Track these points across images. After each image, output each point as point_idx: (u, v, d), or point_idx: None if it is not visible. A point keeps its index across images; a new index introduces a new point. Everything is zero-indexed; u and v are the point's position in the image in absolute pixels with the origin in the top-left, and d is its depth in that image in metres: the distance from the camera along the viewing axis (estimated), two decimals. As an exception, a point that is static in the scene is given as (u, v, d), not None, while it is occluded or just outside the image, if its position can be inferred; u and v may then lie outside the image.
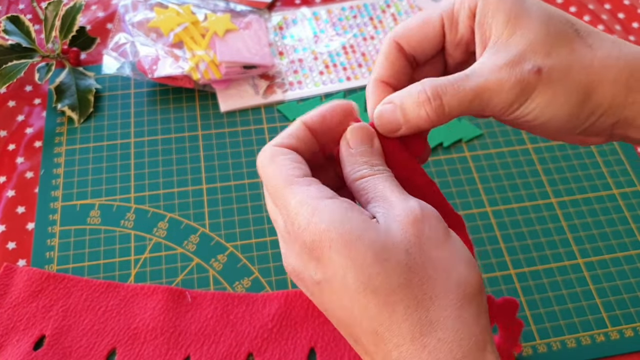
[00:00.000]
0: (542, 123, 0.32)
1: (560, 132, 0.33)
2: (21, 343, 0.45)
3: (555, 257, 0.51)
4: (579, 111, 0.31)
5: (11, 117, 0.59)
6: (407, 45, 0.34)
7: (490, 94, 0.31)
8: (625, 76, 0.31)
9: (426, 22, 0.34)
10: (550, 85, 0.31)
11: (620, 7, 0.71)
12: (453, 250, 0.29)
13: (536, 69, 0.30)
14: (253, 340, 0.45)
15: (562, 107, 0.31)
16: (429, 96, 0.31)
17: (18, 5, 0.68)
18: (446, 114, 0.31)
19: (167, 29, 0.61)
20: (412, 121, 0.32)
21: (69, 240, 0.51)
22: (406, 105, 0.32)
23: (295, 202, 0.29)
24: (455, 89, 0.31)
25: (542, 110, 0.31)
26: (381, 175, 0.31)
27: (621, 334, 0.47)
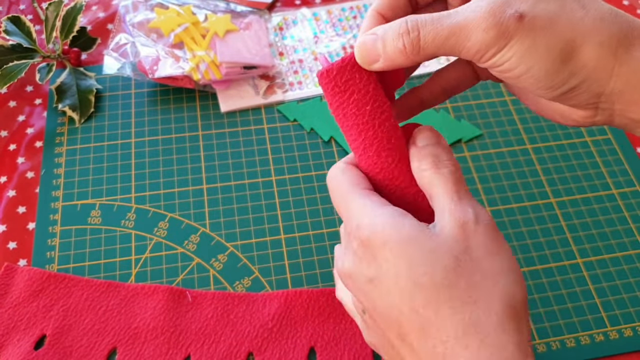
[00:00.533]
0: (518, 75, 0.30)
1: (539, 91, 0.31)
2: (22, 342, 0.45)
3: (554, 257, 0.51)
4: (559, 68, 0.30)
5: (12, 117, 0.59)
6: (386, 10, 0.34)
7: (466, 32, 0.30)
8: (615, 43, 0.29)
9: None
10: (531, 34, 0.29)
11: (619, 7, 0.71)
12: (503, 262, 0.30)
13: (518, 15, 0.29)
14: (253, 339, 0.46)
15: (541, 60, 0.29)
16: (408, 28, 0.31)
17: (19, 5, 0.68)
18: (422, 48, 0.31)
19: (167, 30, 0.61)
20: (389, 52, 0.31)
21: (69, 240, 0.51)
22: (387, 36, 0.31)
23: (358, 205, 0.32)
24: (434, 24, 0.30)
25: (519, 59, 0.29)
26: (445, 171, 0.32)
27: (620, 334, 0.47)
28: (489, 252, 0.30)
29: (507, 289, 0.30)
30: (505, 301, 0.29)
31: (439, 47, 0.30)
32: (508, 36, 0.29)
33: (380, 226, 0.31)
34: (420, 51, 0.31)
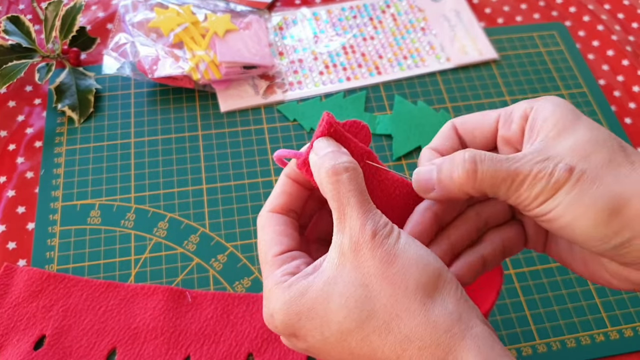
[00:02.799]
0: (564, 226, 0.30)
1: (588, 244, 0.31)
2: (21, 343, 0.45)
3: (554, 257, 0.51)
4: (607, 220, 0.30)
5: (11, 117, 0.59)
6: (461, 127, 0.36)
7: (521, 179, 0.31)
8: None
9: (484, 115, 0.35)
10: (578, 186, 0.30)
11: (619, 7, 0.71)
12: (404, 257, 0.30)
13: (568, 168, 0.30)
14: (253, 340, 0.46)
15: (588, 210, 0.30)
16: (466, 159, 0.32)
17: (18, 5, 0.68)
18: (477, 181, 0.31)
19: (167, 29, 0.61)
20: (444, 181, 0.32)
21: (69, 240, 0.51)
22: (443, 165, 0.32)
23: (268, 283, 0.32)
24: (493, 162, 0.31)
25: (564, 208, 0.30)
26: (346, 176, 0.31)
27: (621, 334, 0.47)
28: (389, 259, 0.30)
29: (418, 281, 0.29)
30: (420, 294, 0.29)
31: (492, 186, 0.31)
32: (557, 187, 0.30)
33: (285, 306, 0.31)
34: (476, 184, 0.31)
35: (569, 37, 0.67)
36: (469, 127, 0.36)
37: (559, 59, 0.65)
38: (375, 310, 0.29)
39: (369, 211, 0.31)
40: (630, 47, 0.67)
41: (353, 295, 0.30)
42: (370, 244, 0.30)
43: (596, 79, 0.64)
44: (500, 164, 0.31)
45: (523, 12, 0.70)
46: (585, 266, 0.35)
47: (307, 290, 0.31)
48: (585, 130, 0.31)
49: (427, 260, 0.30)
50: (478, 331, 0.29)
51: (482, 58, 0.65)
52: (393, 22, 0.68)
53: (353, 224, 0.30)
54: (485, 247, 0.36)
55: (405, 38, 0.66)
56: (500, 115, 0.35)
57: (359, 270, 0.30)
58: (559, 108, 0.32)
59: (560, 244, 0.36)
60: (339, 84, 0.62)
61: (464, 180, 0.32)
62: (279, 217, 0.34)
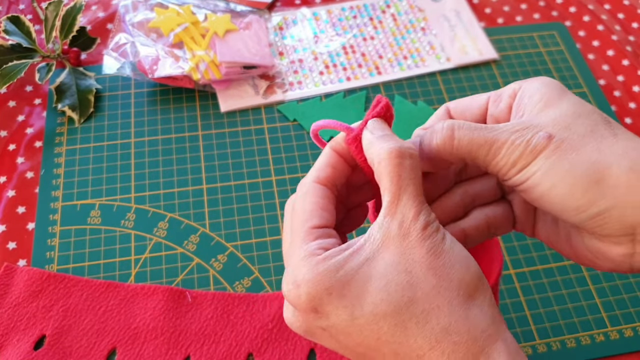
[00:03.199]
0: (542, 193, 0.31)
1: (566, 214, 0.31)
2: (21, 343, 0.45)
3: (555, 257, 0.51)
4: (584, 189, 0.30)
5: (11, 117, 0.59)
6: (454, 110, 0.36)
7: (498, 145, 0.31)
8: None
9: (475, 97, 0.36)
10: (557, 152, 0.30)
11: (619, 7, 0.71)
12: (450, 252, 0.30)
13: (547, 135, 0.30)
14: (253, 340, 0.46)
15: (566, 177, 0.30)
16: (444, 127, 0.32)
17: (18, 5, 0.68)
18: (455, 147, 0.32)
19: (167, 29, 0.61)
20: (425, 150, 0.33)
21: (69, 240, 0.51)
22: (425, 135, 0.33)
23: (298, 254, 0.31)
24: (470, 129, 0.32)
25: (542, 175, 0.30)
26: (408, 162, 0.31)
27: (621, 334, 0.47)
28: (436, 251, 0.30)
29: (461, 279, 0.30)
30: (462, 292, 0.29)
31: (470, 152, 0.32)
32: (535, 153, 0.30)
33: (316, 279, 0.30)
34: (453, 149, 0.32)
35: (569, 37, 0.67)
36: (460, 109, 0.36)
37: (559, 59, 0.65)
38: (416, 298, 0.29)
39: (423, 203, 0.31)
40: (630, 47, 0.67)
41: (395, 279, 0.29)
42: (421, 234, 0.30)
43: (596, 79, 0.64)
44: (478, 132, 0.32)
45: (523, 12, 0.70)
46: (569, 245, 0.34)
47: (343, 266, 0.30)
48: (570, 104, 0.32)
49: (470, 261, 0.30)
50: (508, 336, 0.30)
51: (482, 58, 0.65)
52: (393, 22, 0.68)
53: (407, 211, 0.30)
54: (466, 222, 0.36)
55: (405, 38, 0.66)
56: (490, 96, 0.35)
57: (403, 256, 0.30)
58: (546, 86, 0.33)
59: (547, 222, 0.36)
60: (339, 84, 0.62)
61: (441, 146, 0.32)
62: (323, 189, 0.33)
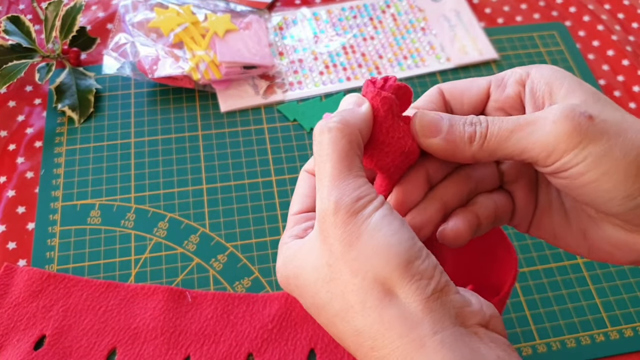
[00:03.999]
0: (589, 182, 0.28)
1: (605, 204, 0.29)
2: (21, 343, 0.45)
3: (554, 257, 0.51)
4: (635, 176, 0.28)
5: (11, 117, 0.59)
6: (448, 92, 0.34)
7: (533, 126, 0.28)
8: None
9: (473, 81, 0.33)
10: (605, 136, 0.28)
11: (619, 7, 0.71)
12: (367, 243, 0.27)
13: (588, 115, 0.28)
14: (253, 340, 0.46)
15: (619, 164, 0.27)
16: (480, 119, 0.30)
17: (18, 5, 0.68)
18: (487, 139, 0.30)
19: (167, 29, 0.61)
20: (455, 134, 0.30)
21: (69, 240, 0.51)
22: (454, 120, 0.31)
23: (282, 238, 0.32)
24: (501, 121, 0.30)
25: (593, 162, 0.28)
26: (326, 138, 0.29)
27: (621, 334, 0.47)
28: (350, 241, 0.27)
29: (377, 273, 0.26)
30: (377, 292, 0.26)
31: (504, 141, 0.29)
32: (581, 134, 0.28)
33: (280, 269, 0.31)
34: (485, 143, 0.30)
35: (569, 37, 0.67)
36: (457, 92, 0.33)
37: (559, 59, 0.65)
38: (335, 294, 0.27)
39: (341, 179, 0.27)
40: (630, 47, 0.67)
41: (320, 274, 0.28)
42: (333, 218, 0.27)
43: (596, 79, 0.64)
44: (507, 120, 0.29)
45: (523, 12, 0.70)
46: (584, 238, 0.32)
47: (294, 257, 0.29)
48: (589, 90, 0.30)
49: (396, 249, 0.26)
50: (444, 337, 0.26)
51: (482, 58, 0.65)
52: (393, 22, 0.68)
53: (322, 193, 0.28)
54: (479, 208, 0.33)
55: (405, 38, 0.66)
56: (492, 81, 0.33)
57: (325, 246, 0.28)
58: (558, 71, 0.31)
59: (555, 216, 0.34)
60: (339, 84, 0.62)
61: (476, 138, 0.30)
62: (311, 177, 0.33)
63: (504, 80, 0.33)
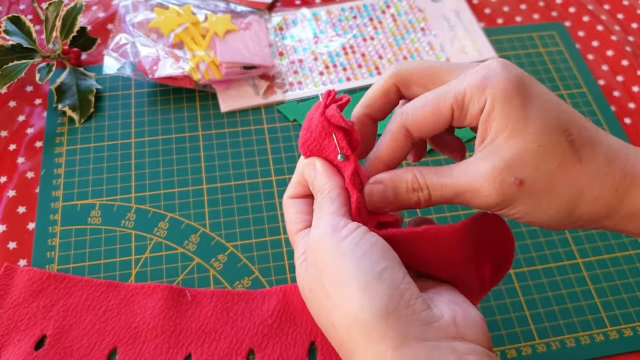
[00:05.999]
0: (527, 222, 0.34)
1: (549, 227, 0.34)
2: (22, 343, 0.45)
3: (554, 257, 0.51)
4: (563, 219, 0.33)
5: (12, 118, 0.59)
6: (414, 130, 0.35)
7: (471, 195, 0.33)
8: (610, 193, 0.32)
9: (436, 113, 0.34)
10: (532, 197, 0.32)
11: (619, 7, 0.72)
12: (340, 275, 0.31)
13: (518, 182, 0.32)
14: (253, 336, 0.46)
15: (545, 215, 0.32)
16: (420, 185, 0.34)
17: (19, 5, 0.68)
18: (432, 202, 0.34)
19: (167, 30, 0.61)
20: (403, 202, 0.35)
21: (69, 240, 0.51)
22: (399, 189, 0.35)
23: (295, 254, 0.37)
24: (441, 184, 0.34)
25: (524, 215, 0.33)
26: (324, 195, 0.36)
27: (620, 334, 0.47)
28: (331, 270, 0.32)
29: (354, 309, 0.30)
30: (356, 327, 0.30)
31: (448, 201, 0.34)
32: (510, 200, 0.32)
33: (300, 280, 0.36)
34: (430, 204, 0.35)
35: (568, 38, 0.67)
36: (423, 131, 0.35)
37: (559, 59, 0.65)
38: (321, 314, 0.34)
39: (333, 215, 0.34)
40: (629, 47, 0.68)
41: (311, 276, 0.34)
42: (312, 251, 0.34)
43: (596, 79, 0.64)
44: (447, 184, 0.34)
45: (523, 13, 0.70)
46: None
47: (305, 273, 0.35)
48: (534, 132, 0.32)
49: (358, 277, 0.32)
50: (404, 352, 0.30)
51: (482, 58, 0.65)
52: (393, 23, 0.68)
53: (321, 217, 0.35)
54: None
55: (405, 38, 0.67)
56: (455, 109, 0.34)
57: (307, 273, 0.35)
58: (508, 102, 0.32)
59: None
60: (339, 84, 0.62)
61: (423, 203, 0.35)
62: (297, 200, 0.39)
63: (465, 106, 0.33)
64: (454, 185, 0.33)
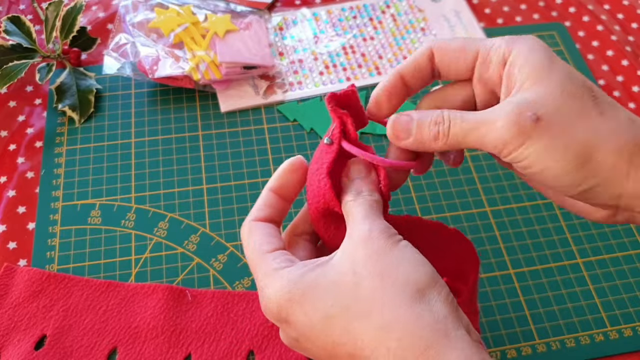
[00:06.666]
0: (537, 172, 0.32)
1: (558, 188, 0.33)
2: (22, 343, 0.45)
3: (554, 257, 0.51)
4: (575, 170, 0.31)
5: (12, 118, 0.59)
6: (438, 57, 0.36)
7: (487, 128, 0.32)
8: (630, 149, 0.31)
9: (463, 50, 0.36)
10: (547, 135, 0.31)
11: (619, 7, 0.72)
12: (399, 254, 0.31)
13: (535, 117, 0.31)
14: (254, 337, 0.46)
15: (559, 159, 0.31)
16: (443, 118, 0.34)
17: (19, 5, 0.68)
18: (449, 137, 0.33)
19: (167, 30, 0.61)
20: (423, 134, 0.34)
21: (69, 240, 0.51)
22: (422, 121, 0.34)
23: (262, 274, 0.34)
24: (462, 118, 0.33)
25: (536, 157, 0.31)
26: (361, 200, 0.34)
27: (620, 334, 0.47)
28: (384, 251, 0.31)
29: (409, 276, 0.30)
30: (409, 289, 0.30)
31: (463, 137, 0.33)
32: (525, 135, 0.31)
33: (281, 291, 0.32)
34: (448, 140, 0.33)
35: (568, 38, 0.67)
36: (446, 61, 0.36)
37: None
38: (360, 297, 0.30)
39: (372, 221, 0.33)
40: (629, 47, 0.68)
41: (342, 281, 0.31)
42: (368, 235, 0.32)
43: (596, 79, 0.64)
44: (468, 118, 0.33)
45: (523, 13, 0.70)
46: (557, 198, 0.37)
47: (303, 276, 0.32)
48: (559, 79, 0.32)
49: (422, 261, 0.32)
50: (463, 334, 0.30)
51: (482, 58, 0.65)
52: (393, 23, 0.68)
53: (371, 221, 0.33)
54: None
55: (405, 38, 0.67)
56: (480, 54, 0.35)
57: (350, 259, 0.31)
58: (535, 53, 0.33)
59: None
60: (339, 84, 0.62)
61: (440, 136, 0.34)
62: (263, 224, 0.36)
63: (489, 56, 0.35)
64: (474, 119, 0.33)
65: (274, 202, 0.37)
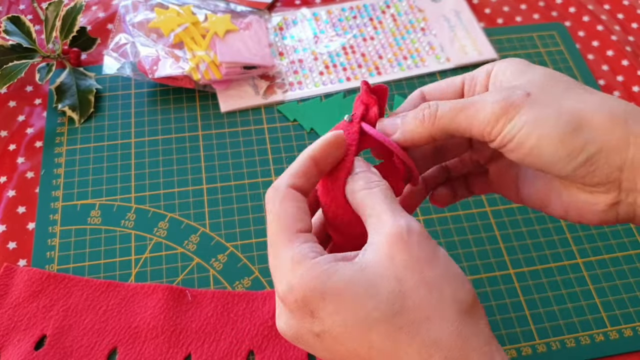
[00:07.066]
0: (532, 148, 0.31)
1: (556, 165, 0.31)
2: (22, 343, 0.45)
3: (554, 257, 0.51)
4: (572, 134, 0.31)
5: (12, 118, 0.59)
6: (428, 94, 0.38)
7: (477, 107, 0.32)
8: (623, 115, 0.31)
9: (449, 82, 0.38)
10: (538, 105, 0.31)
11: (619, 7, 0.72)
12: (443, 266, 0.30)
13: (525, 93, 0.32)
14: (254, 337, 0.46)
15: (553, 126, 0.31)
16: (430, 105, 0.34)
17: (19, 5, 0.68)
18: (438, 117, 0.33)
19: (167, 30, 0.61)
20: (408, 122, 0.35)
21: (69, 240, 0.51)
22: (408, 114, 0.35)
23: (288, 257, 0.31)
24: (451, 102, 0.34)
25: (530, 127, 0.31)
26: (376, 189, 0.33)
27: (620, 334, 0.47)
28: (427, 260, 0.30)
29: (455, 293, 0.30)
30: (456, 307, 0.29)
31: (452, 118, 0.33)
32: (516, 108, 0.31)
33: (312, 282, 0.30)
34: (436, 121, 0.33)
35: (568, 38, 0.67)
36: (436, 95, 0.37)
37: (559, 59, 0.65)
38: (406, 307, 0.29)
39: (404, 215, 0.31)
40: (630, 47, 0.68)
41: (384, 285, 0.29)
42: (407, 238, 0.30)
43: (596, 79, 0.64)
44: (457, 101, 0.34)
45: (523, 13, 0.70)
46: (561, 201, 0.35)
47: (337, 272, 0.30)
48: (542, 71, 0.34)
49: (464, 278, 0.31)
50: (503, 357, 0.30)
51: (482, 58, 0.65)
52: (393, 23, 0.68)
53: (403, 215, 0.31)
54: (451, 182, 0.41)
55: (405, 38, 0.67)
56: (465, 81, 0.37)
57: (389, 262, 0.30)
58: (515, 62, 0.35)
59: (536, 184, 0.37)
60: (339, 84, 0.62)
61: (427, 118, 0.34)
62: (298, 195, 0.33)
63: (474, 79, 0.37)
64: (464, 100, 0.33)
65: (312, 173, 0.34)
